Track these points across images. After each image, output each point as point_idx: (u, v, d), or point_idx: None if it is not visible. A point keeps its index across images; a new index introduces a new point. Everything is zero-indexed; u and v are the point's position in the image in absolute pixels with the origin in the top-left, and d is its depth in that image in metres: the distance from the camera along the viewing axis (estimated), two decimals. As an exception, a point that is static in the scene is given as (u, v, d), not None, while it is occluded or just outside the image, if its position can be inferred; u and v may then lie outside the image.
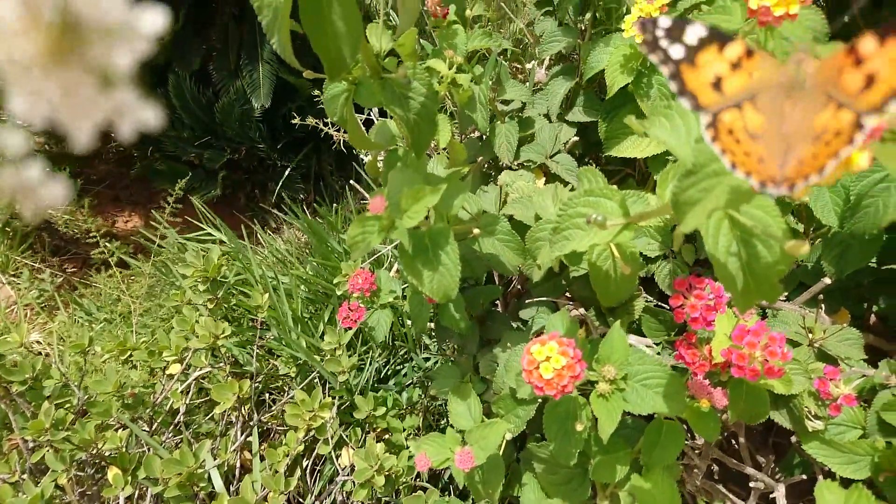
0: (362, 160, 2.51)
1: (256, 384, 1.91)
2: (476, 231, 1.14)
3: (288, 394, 2.00)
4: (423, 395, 1.93)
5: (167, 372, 1.83)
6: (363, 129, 1.16)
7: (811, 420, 0.99)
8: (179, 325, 1.82)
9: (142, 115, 0.26)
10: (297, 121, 1.87)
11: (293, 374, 1.92)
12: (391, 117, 1.21)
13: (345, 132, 2.02)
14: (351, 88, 1.06)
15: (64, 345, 2.70)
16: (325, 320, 2.12)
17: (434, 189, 0.89)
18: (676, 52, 0.52)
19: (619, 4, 1.44)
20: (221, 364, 1.87)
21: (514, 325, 1.60)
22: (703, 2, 1.18)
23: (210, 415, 1.89)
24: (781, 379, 0.93)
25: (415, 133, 1.06)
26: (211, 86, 3.01)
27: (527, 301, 1.53)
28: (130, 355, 1.83)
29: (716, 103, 0.52)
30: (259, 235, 2.76)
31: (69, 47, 0.24)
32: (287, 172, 3.10)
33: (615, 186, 0.89)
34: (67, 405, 1.59)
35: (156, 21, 0.25)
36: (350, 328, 1.54)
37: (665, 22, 0.53)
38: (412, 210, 0.87)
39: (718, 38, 0.52)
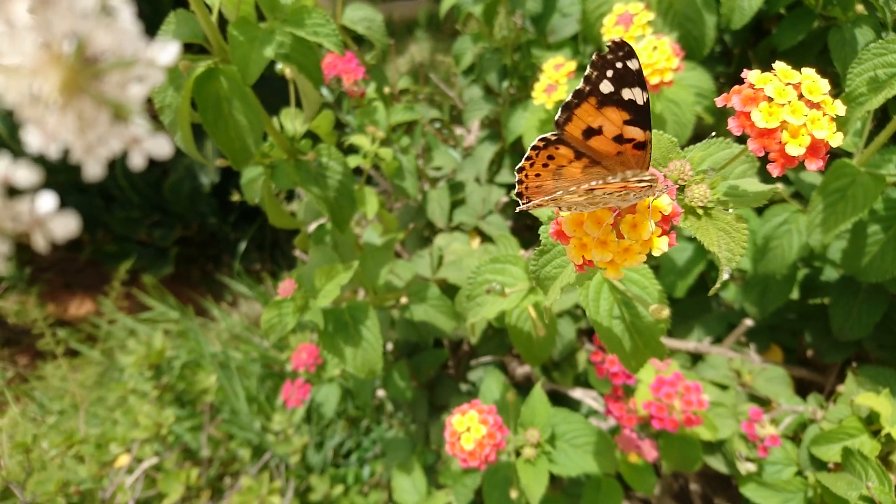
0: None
1: (212, 470, 1.85)
2: (403, 300, 1.15)
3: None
4: (385, 468, 1.89)
5: (115, 465, 1.77)
6: (283, 208, 1.17)
7: (743, 462, 1.00)
8: (124, 416, 1.77)
9: (154, 146, 0.27)
10: (237, 198, 1.89)
11: (247, 458, 1.86)
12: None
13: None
14: (267, 171, 1.09)
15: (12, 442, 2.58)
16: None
17: (347, 266, 0.90)
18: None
19: (534, 72, 1.51)
20: (172, 452, 1.81)
21: (465, 387, 1.60)
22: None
23: (162, 507, 1.80)
24: (705, 425, 0.94)
25: (334, 210, 1.08)
26: (159, 164, 3.02)
27: (472, 362, 1.53)
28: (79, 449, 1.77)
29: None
30: (214, 311, 2.72)
31: (85, 81, 0.25)
32: (241, 245, 3.09)
33: (522, 252, 0.91)
34: (11, 508, 1.52)
35: (171, 51, 0.26)
36: (297, 407, 1.51)
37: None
38: (326, 289, 0.88)
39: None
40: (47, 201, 0.25)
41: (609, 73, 0.48)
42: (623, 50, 0.47)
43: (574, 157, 0.50)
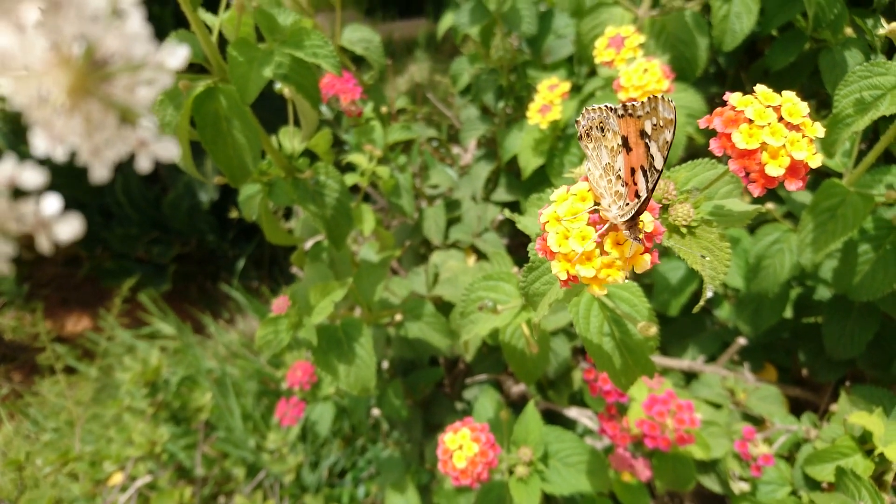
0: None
1: (206, 489, 1.83)
2: (398, 317, 1.15)
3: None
4: (380, 488, 1.87)
5: (109, 483, 1.76)
6: (280, 225, 1.18)
7: (736, 482, 1.00)
8: (119, 434, 1.77)
9: (161, 150, 0.27)
10: (235, 215, 1.90)
11: (241, 477, 1.85)
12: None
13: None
14: (265, 189, 1.10)
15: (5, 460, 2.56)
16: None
17: (341, 283, 0.91)
18: None
19: (529, 93, 1.54)
20: (166, 470, 1.80)
21: (461, 405, 1.59)
22: (598, 88, 1.28)
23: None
24: (698, 444, 0.94)
25: (331, 227, 1.09)
26: (158, 181, 3.04)
27: (467, 381, 1.53)
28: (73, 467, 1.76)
29: None
30: (211, 328, 2.72)
31: (93, 84, 0.26)
32: (239, 261, 3.10)
33: (515, 269, 0.92)
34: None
35: (181, 55, 0.26)
36: (291, 425, 1.50)
37: None
38: (320, 306, 0.89)
39: None
40: (52, 203, 0.25)
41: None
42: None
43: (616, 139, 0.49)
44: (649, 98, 0.47)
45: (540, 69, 1.58)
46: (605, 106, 0.50)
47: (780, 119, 0.47)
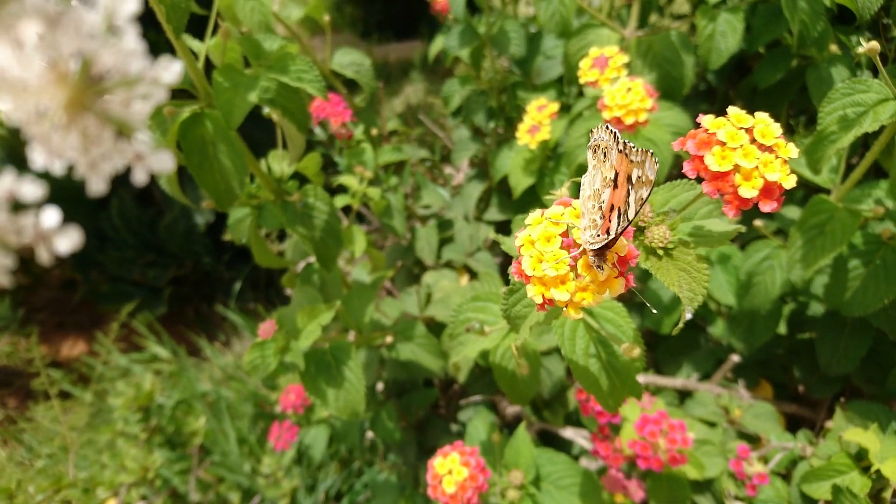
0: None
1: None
2: (388, 339, 1.14)
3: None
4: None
5: (102, 510, 1.74)
6: (269, 248, 1.18)
7: (732, 502, 0.98)
8: (112, 459, 1.75)
9: (156, 163, 0.27)
10: (230, 237, 1.90)
11: (236, 501, 1.82)
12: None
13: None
14: (254, 212, 1.10)
15: (-3, 488, 2.53)
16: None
17: (329, 306, 0.90)
18: None
19: (519, 113, 1.55)
20: (159, 496, 1.78)
21: (456, 427, 1.58)
22: (586, 108, 1.28)
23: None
24: (692, 464, 0.93)
25: (320, 249, 1.09)
26: (154, 204, 3.05)
27: (462, 402, 1.51)
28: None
29: None
30: (207, 351, 2.71)
31: (90, 99, 0.26)
32: (236, 283, 3.10)
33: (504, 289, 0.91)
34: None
35: (175, 70, 0.27)
36: (285, 449, 1.49)
37: None
38: (307, 329, 0.89)
39: None
40: (51, 216, 0.26)
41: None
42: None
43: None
44: (644, 150, 0.48)
45: (530, 90, 1.59)
46: (614, 133, 0.50)
47: (753, 141, 0.48)
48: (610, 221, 0.47)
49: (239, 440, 1.99)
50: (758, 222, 1.11)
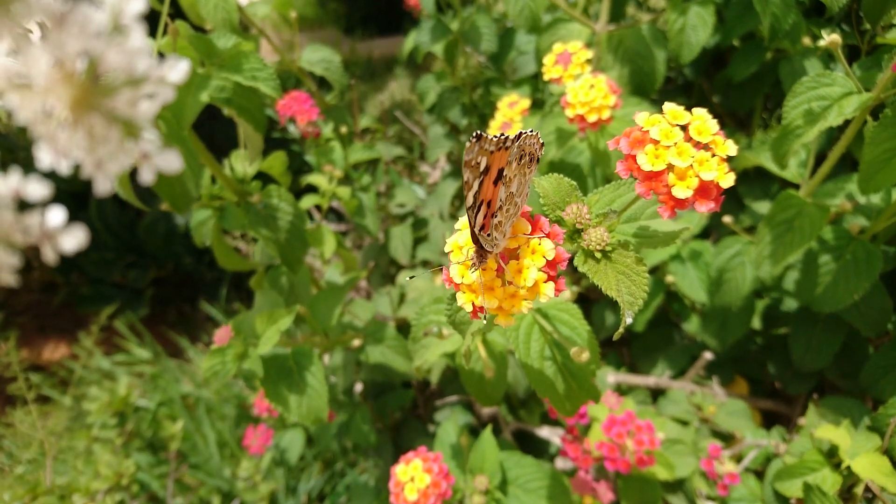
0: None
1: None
2: (356, 342, 1.12)
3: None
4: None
5: (79, 517, 1.71)
6: (233, 251, 1.16)
7: (703, 501, 0.97)
8: (87, 466, 1.72)
9: (163, 161, 0.27)
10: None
11: (214, 505, 1.80)
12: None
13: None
14: (216, 214, 1.08)
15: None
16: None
17: (289, 310, 0.88)
18: None
19: (492, 110, 1.53)
20: (137, 501, 1.76)
21: (432, 428, 1.56)
22: (553, 105, 1.26)
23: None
24: (661, 464, 0.91)
25: (285, 251, 1.07)
26: (133, 205, 3.02)
27: (437, 403, 1.50)
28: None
29: None
30: (190, 352, 2.68)
31: (96, 98, 0.26)
32: (217, 284, 3.07)
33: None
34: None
35: (182, 69, 0.27)
36: (259, 454, 1.47)
37: None
38: (266, 335, 0.86)
39: None
40: (57, 215, 0.26)
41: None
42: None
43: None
44: (507, 136, 0.46)
45: (504, 86, 1.57)
46: (478, 135, 0.49)
47: (689, 139, 0.46)
48: (486, 218, 0.45)
49: (220, 443, 1.97)
50: (726, 218, 1.10)
